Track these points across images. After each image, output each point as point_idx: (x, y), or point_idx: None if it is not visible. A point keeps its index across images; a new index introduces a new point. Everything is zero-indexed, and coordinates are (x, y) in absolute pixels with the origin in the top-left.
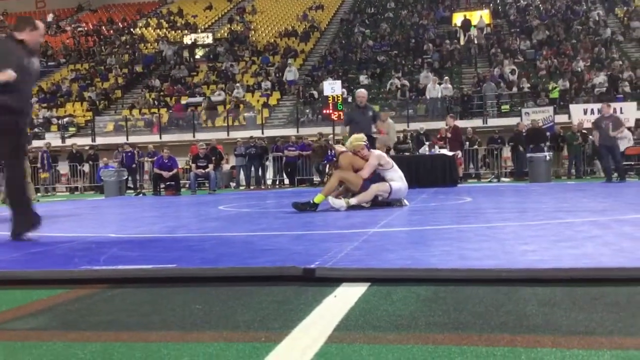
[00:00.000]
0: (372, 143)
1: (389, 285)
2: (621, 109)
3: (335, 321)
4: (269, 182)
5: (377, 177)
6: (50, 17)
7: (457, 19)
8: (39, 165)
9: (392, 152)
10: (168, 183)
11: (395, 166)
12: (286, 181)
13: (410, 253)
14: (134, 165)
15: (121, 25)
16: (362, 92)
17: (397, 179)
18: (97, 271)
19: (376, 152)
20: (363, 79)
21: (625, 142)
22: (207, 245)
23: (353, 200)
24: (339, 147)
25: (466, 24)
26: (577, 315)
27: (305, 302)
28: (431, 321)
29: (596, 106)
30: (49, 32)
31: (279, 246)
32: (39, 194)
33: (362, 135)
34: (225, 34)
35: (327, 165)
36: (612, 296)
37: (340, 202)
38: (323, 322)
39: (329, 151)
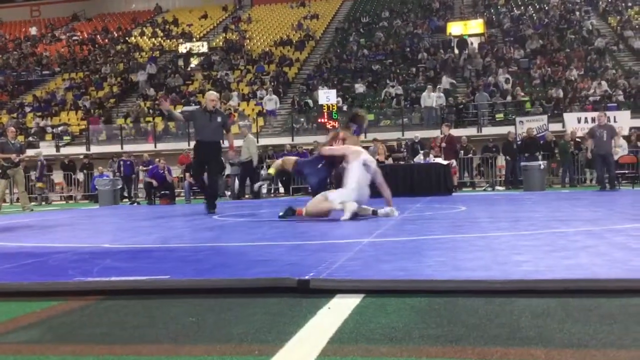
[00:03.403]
0: (217, 152)
1: (383, 297)
2: (615, 117)
3: (329, 333)
4: (264, 191)
5: (325, 171)
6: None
7: (452, 28)
8: (36, 174)
9: (389, 161)
10: (163, 192)
11: (357, 168)
12: (281, 190)
13: (405, 264)
14: (133, 175)
15: (116, 34)
16: (212, 95)
17: (349, 183)
18: (90, 283)
19: (353, 147)
20: (358, 87)
21: (620, 151)
22: (201, 256)
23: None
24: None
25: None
26: (570, 327)
27: (300, 314)
28: (425, 333)
29: (590, 115)
30: (43, 41)
31: (273, 257)
32: (33, 203)
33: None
34: (221, 43)
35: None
36: (606, 308)
37: (351, 206)
38: (317, 335)
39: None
